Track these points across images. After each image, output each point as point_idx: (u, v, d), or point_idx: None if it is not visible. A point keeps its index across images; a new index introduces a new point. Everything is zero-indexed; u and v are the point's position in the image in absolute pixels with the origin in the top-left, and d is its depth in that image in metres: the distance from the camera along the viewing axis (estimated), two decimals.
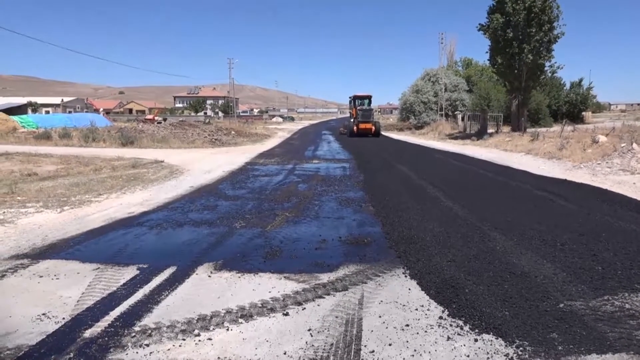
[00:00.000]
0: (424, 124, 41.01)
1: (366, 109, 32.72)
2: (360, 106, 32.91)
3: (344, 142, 26.79)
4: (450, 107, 42.33)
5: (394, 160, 15.77)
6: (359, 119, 31.63)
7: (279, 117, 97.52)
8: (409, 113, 44.60)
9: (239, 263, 4.85)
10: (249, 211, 7.51)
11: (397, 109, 68.36)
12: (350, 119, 34.60)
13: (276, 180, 11.22)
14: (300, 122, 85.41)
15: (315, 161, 16.04)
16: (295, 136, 36.26)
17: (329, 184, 10.40)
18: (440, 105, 41.67)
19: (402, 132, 39.44)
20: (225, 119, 63.16)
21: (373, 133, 31.14)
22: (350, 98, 35.37)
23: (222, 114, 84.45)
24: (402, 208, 7.48)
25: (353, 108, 33.78)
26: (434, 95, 42.93)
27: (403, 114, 47.38)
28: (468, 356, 2.95)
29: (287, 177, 11.83)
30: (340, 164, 14.90)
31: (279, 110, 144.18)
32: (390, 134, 36.69)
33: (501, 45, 24.05)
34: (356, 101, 33.67)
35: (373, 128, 31.28)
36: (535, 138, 19.44)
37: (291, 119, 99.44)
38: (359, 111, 32.15)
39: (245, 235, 6.02)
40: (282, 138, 33.22)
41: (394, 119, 63.60)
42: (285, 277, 4.42)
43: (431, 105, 42.82)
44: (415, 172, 12.26)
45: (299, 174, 12.55)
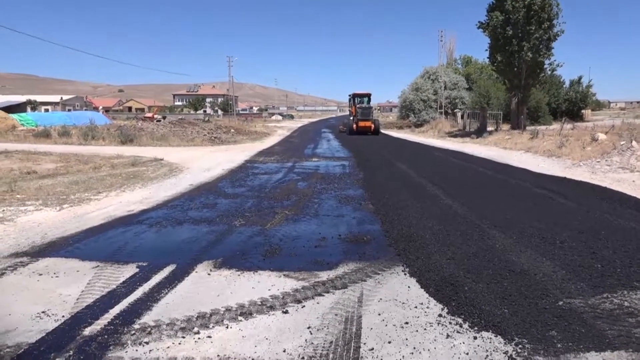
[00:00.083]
0: (424, 122, 41.02)
1: (366, 107, 32.70)
2: (359, 104, 32.88)
3: (344, 140, 26.78)
4: (450, 105, 42.31)
5: (393, 158, 15.76)
6: (358, 117, 31.61)
7: (278, 115, 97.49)
8: (408, 111, 44.55)
9: (239, 261, 4.85)
10: (248, 209, 7.51)
11: (396, 107, 68.31)
12: (349, 117, 34.58)
13: (276, 178, 11.22)
14: (299, 120, 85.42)
15: (314, 159, 16.03)
16: (294, 134, 36.24)
17: (329, 182, 10.40)
18: (439, 103, 41.63)
19: (402, 130, 39.43)
20: (225, 117, 63.17)
21: (372, 131, 31.13)
22: (349, 96, 35.35)
23: (221, 112, 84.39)
24: (401, 206, 7.49)
25: (352, 106, 33.74)
26: (434, 93, 42.88)
27: (403, 112, 47.34)
28: (467, 354, 2.96)
29: (286, 175, 11.82)
30: (339, 162, 14.89)
31: (279, 108, 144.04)
32: (390, 132, 36.68)
33: (501, 43, 24.04)
34: (356, 99, 33.62)
35: (372, 126, 31.26)
36: (535, 136, 19.45)
37: (291, 117, 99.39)
38: (358, 109, 32.13)
39: (245, 233, 6.02)
40: (282, 136, 33.20)
41: (394, 117, 63.58)
42: (284, 275, 4.42)
43: (431, 103, 42.78)
44: (415, 170, 12.27)
45: (299, 172, 12.55)
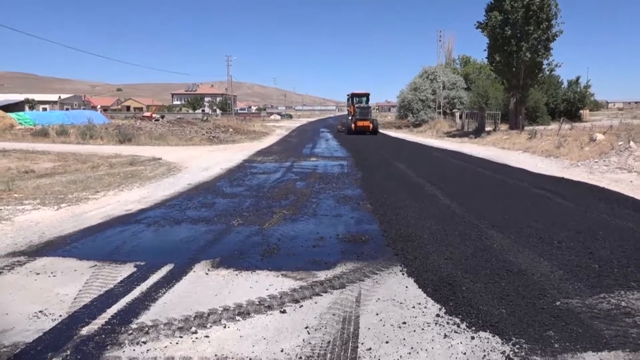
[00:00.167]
0: (422, 122, 41.06)
1: (364, 106, 32.71)
2: (358, 104, 32.88)
3: (342, 139, 26.78)
4: (448, 105, 42.35)
5: (391, 158, 15.77)
6: (356, 116, 31.60)
7: (277, 115, 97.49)
8: (407, 111, 44.60)
9: (237, 261, 4.84)
10: (246, 209, 7.51)
11: (395, 107, 68.30)
12: (348, 117, 34.58)
13: (274, 178, 11.21)
14: (298, 119, 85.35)
15: (313, 159, 16.03)
16: (293, 134, 36.23)
17: (327, 182, 10.39)
18: (438, 103, 41.67)
19: (400, 130, 39.44)
20: (223, 117, 63.07)
21: (371, 131, 31.13)
22: (348, 96, 35.33)
23: (220, 111, 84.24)
24: (399, 206, 7.49)
25: (351, 106, 33.74)
26: (432, 93, 42.93)
27: (401, 111, 47.39)
28: (465, 354, 2.96)
29: (285, 175, 11.82)
30: (338, 162, 14.89)
31: (277, 107, 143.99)
32: (388, 132, 36.68)
33: (499, 43, 24.07)
34: (354, 99, 33.62)
35: (371, 126, 31.25)
36: (533, 136, 19.49)
37: (289, 116, 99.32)
38: (356, 109, 32.11)
39: (243, 232, 6.02)
40: (280, 136, 33.18)
41: (392, 116, 63.64)
42: (282, 274, 4.41)
43: (429, 103, 42.83)
44: (413, 170, 12.28)
45: (297, 171, 12.54)
